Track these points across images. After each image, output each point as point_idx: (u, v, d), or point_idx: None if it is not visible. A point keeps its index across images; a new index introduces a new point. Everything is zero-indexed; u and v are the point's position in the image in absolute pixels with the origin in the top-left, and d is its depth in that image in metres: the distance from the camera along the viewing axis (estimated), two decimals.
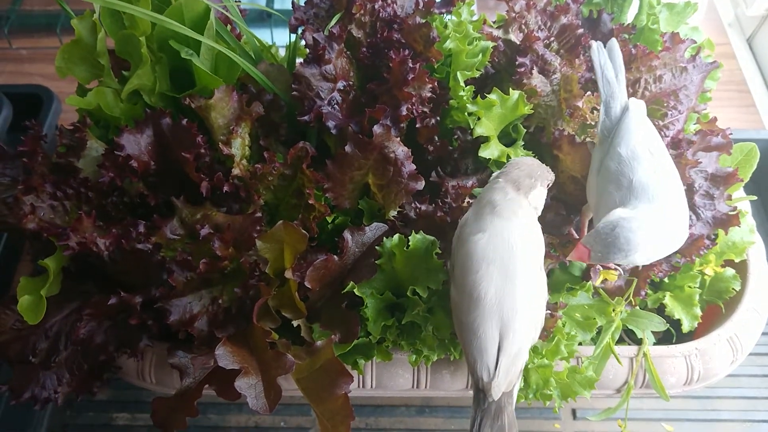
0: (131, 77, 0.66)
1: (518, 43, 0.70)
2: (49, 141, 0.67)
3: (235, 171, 0.63)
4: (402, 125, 0.64)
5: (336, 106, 0.66)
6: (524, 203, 0.55)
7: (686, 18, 0.77)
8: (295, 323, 0.59)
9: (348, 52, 0.69)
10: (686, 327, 0.66)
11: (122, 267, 0.60)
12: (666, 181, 0.55)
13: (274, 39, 1.15)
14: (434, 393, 0.66)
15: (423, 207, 0.63)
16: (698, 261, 0.66)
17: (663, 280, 0.68)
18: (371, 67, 0.70)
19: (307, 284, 0.58)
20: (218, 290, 0.59)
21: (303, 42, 0.68)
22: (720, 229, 0.65)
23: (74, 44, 0.66)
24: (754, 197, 0.72)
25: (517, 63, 0.67)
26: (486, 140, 0.65)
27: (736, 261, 0.69)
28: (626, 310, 0.66)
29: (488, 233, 0.53)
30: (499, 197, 0.55)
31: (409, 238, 0.59)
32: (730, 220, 0.64)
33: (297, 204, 0.64)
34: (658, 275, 0.66)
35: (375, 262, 0.60)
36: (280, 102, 0.69)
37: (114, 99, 0.68)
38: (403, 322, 0.60)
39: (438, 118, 0.68)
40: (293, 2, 0.73)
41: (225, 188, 0.62)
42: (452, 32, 0.68)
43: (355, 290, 0.58)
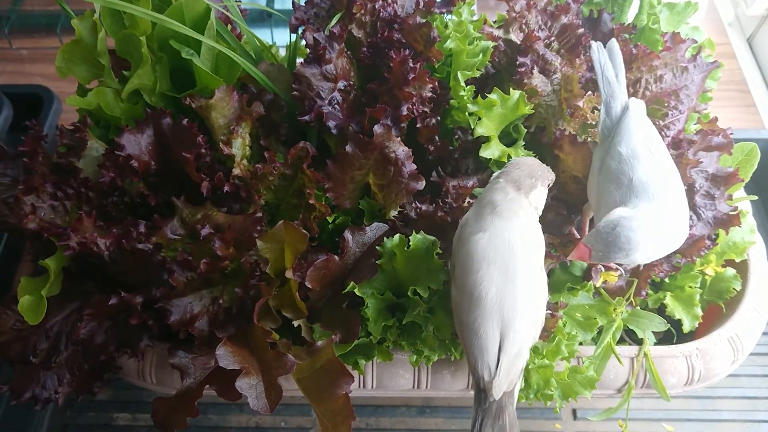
0: (132, 77, 0.66)
1: (519, 43, 0.70)
2: (50, 141, 0.67)
3: (236, 171, 0.63)
4: (402, 125, 0.64)
5: (336, 106, 0.66)
6: (525, 203, 0.55)
7: (687, 18, 0.77)
8: (296, 323, 0.59)
9: (348, 52, 0.69)
10: (687, 327, 0.66)
11: (123, 267, 0.60)
12: (666, 180, 0.55)
13: (275, 39, 1.15)
14: (435, 393, 0.66)
15: (423, 207, 0.63)
16: (699, 261, 0.66)
17: (664, 280, 0.68)
18: (372, 67, 0.70)
19: (308, 284, 0.58)
20: (219, 290, 0.59)
21: (303, 42, 0.68)
22: (721, 229, 0.65)
23: (75, 44, 0.66)
24: (755, 197, 0.72)
25: (518, 63, 0.67)
26: (487, 140, 0.65)
27: (737, 261, 0.69)
28: (627, 310, 0.66)
29: (489, 233, 0.53)
30: (500, 197, 0.55)
31: (410, 238, 0.59)
32: (731, 220, 0.64)
33: (298, 204, 0.64)
34: (659, 275, 0.66)
35: (375, 262, 0.60)
36: (281, 102, 0.69)
37: (114, 99, 0.68)
38: (404, 322, 0.60)
39: (438, 118, 0.68)
40: (293, 2, 0.73)
41: (225, 188, 0.62)
42: (453, 32, 0.68)
43: (356, 290, 0.58)
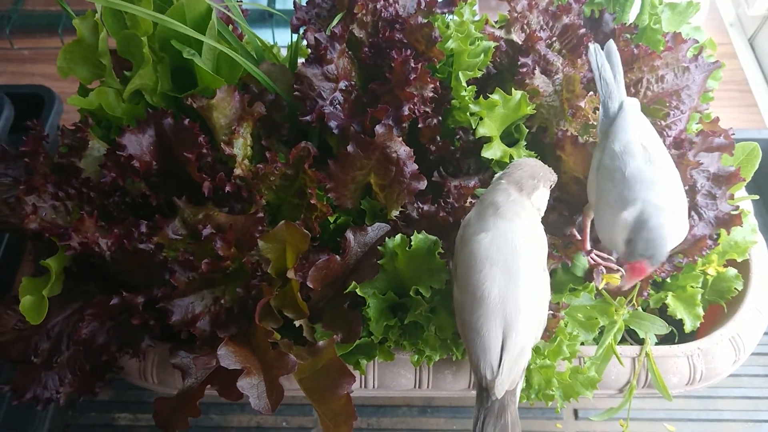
0: (133, 77, 0.66)
1: (520, 43, 0.70)
2: (51, 141, 0.67)
3: (237, 171, 0.63)
4: (404, 125, 0.64)
5: (338, 106, 0.66)
6: (527, 204, 0.55)
7: (688, 18, 0.77)
8: (297, 323, 0.59)
9: (350, 52, 0.69)
10: (688, 327, 0.66)
11: (124, 267, 0.60)
12: (663, 177, 0.55)
13: (276, 39, 1.15)
14: (436, 393, 0.66)
15: (425, 207, 0.63)
16: (700, 261, 0.66)
17: (665, 280, 0.68)
18: (373, 67, 0.70)
19: (309, 284, 0.58)
20: (220, 290, 0.59)
21: (305, 42, 0.68)
22: (722, 229, 0.65)
23: (76, 44, 0.66)
24: (756, 197, 0.72)
25: (519, 63, 0.67)
26: (488, 140, 0.65)
27: (739, 261, 0.69)
28: (628, 311, 0.66)
29: (492, 233, 0.53)
30: (502, 198, 0.55)
31: (412, 238, 0.59)
32: (733, 220, 0.64)
33: (299, 204, 0.64)
34: (661, 275, 0.66)
35: (377, 262, 0.60)
36: (282, 102, 0.69)
37: (116, 99, 0.68)
38: (406, 322, 0.60)
39: (440, 118, 0.68)
40: (295, 2, 0.73)
41: (227, 188, 0.62)
42: (454, 32, 0.68)
43: (358, 290, 0.58)
